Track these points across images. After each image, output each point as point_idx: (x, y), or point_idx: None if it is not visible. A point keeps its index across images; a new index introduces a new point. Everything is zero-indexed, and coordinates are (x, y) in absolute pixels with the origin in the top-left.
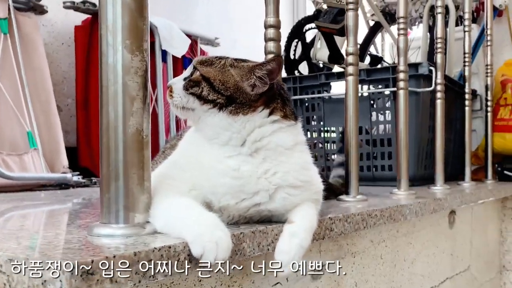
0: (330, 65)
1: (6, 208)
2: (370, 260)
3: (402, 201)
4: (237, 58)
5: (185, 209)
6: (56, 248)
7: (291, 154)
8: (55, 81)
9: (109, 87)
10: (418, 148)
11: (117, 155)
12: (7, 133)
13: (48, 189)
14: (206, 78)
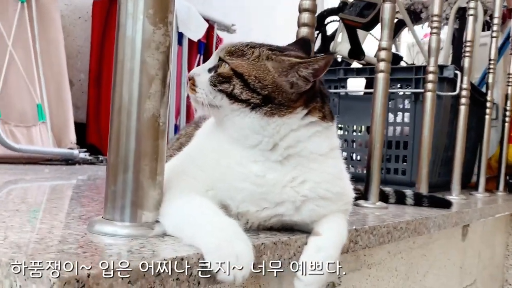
0: (350, 60)
1: (8, 180)
2: (385, 272)
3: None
4: (271, 46)
5: (200, 212)
6: (48, 250)
7: (324, 161)
8: (69, 55)
9: (125, 63)
10: (434, 155)
11: (128, 143)
12: (17, 103)
13: (54, 164)
14: (239, 74)
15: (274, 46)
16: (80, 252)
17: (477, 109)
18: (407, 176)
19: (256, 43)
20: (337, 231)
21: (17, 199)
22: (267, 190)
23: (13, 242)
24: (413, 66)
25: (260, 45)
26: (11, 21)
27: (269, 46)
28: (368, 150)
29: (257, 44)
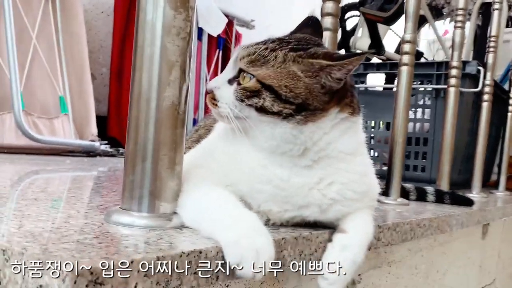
0: (370, 56)
1: (29, 170)
2: (405, 270)
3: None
4: (291, 43)
5: (220, 204)
6: (62, 240)
7: (352, 160)
8: (92, 49)
9: (144, 48)
10: (455, 152)
11: (147, 131)
12: (40, 95)
13: (76, 156)
14: (268, 86)
15: (293, 42)
16: (96, 242)
17: (498, 106)
18: (426, 173)
19: (274, 43)
20: (363, 229)
21: (36, 189)
22: (291, 193)
23: (28, 231)
24: (435, 62)
25: (280, 45)
26: (35, 15)
27: (290, 46)
28: (389, 145)
29: (276, 45)
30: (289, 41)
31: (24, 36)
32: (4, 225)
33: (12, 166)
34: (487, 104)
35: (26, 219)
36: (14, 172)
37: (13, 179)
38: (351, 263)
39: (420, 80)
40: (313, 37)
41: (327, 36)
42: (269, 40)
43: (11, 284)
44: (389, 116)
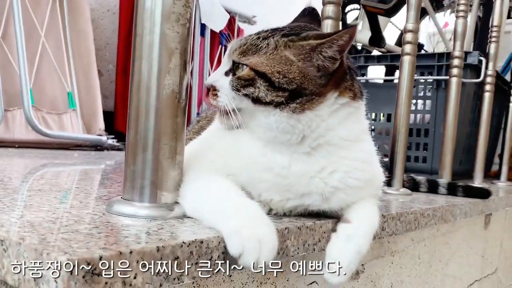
0: (370, 48)
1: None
2: (408, 259)
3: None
4: (283, 30)
5: (221, 193)
6: (61, 230)
7: (354, 147)
8: (98, 46)
9: (144, 36)
10: (456, 142)
11: (148, 121)
12: (49, 91)
13: (83, 149)
14: (261, 74)
15: (286, 29)
16: (95, 232)
17: (500, 96)
18: (427, 163)
19: (267, 32)
20: (368, 218)
21: (42, 180)
22: (292, 182)
23: (28, 221)
24: (436, 53)
25: (272, 32)
26: (43, 13)
27: (282, 32)
28: (392, 135)
29: (268, 33)
30: (282, 29)
31: (33, 35)
32: (5, 215)
33: (21, 159)
34: (489, 94)
35: (28, 210)
36: (23, 165)
37: (21, 172)
38: (356, 253)
39: (421, 71)
40: (308, 24)
41: (329, 25)
42: (263, 30)
43: (9, 274)
44: (389, 108)
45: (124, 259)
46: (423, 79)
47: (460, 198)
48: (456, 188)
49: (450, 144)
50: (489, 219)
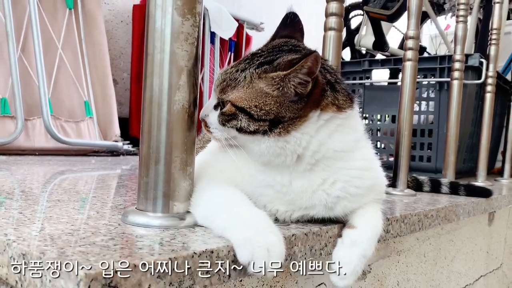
0: (374, 52)
1: (56, 171)
2: (414, 258)
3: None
4: (260, 55)
5: (231, 203)
6: (79, 242)
7: (350, 156)
8: (113, 56)
9: (155, 55)
10: (459, 142)
11: (159, 135)
12: (66, 101)
13: (100, 155)
14: (240, 108)
15: (264, 55)
16: (111, 244)
17: (501, 96)
18: (432, 163)
19: (246, 61)
20: (372, 223)
21: (61, 190)
22: (294, 198)
23: (48, 234)
24: (437, 56)
25: (250, 62)
26: (60, 26)
27: (258, 61)
28: (396, 137)
29: (246, 63)
30: (261, 54)
31: (50, 47)
32: (26, 228)
33: (41, 167)
34: (490, 95)
35: (48, 222)
36: (43, 173)
37: (41, 181)
38: (361, 257)
39: (424, 73)
40: (290, 40)
41: (332, 36)
42: (244, 58)
43: (31, 286)
44: (394, 109)
45: (139, 272)
46: (426, 81)
47: (463, 197)
48: (458, 187)
49: (453, 145)
50: (493, 216)
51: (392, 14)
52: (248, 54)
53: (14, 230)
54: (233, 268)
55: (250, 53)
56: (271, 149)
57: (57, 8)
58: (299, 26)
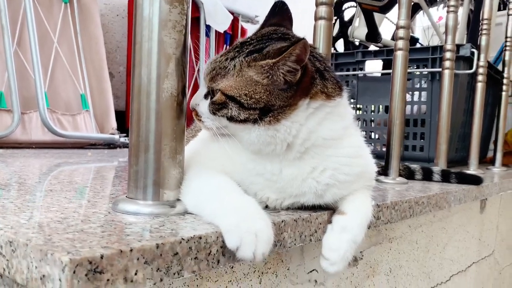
0: (367, 44)
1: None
2: (406, 245)
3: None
4: (250, 44)
5: (220, 190)
6: (68, 230)
7: (339, 144)
8: (109, 50)
9: (143, 43)
10: (451, 131)
11: (148, 123)
12: (63, 94)
13: (97, 148)
14: (231, 97)
15: (253, 43)
16: (99, 231)
17: (492, 86)
18: (424, 152)
19: (235, 49)
20: (362, 209)
21: (54, 180)
22: (285, 185)
23: (36, 222)
24: (429, 47)
25: (240, 51)
26: (56, 20)
27: (247, 49)
28: (388, 126)
29: (236, 52)
30: (250, 42)
31: (46, 41)
32: (15, 216)
33: (37, 160)
34: (481, 84)
35: (38, 211)
36: (39, 166)
37: (35, 173)
38: (351, 243)
39: (416, 64)
40: (279, 28)
41: (322, 25)
42: (233, 47)
43: (18, 273)
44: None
45: (125, 257)
46: (419, 72)
47: (454, 185)
48: (449, 175)
49: (444, 133)
50: (484, 203)
51: (384, 5)
52: (237, 42)
53: (3, 218)
54: (222, 254)
55: (240, 41)
56: (261, 137)
57: (53, 2)
58: (288, 14)
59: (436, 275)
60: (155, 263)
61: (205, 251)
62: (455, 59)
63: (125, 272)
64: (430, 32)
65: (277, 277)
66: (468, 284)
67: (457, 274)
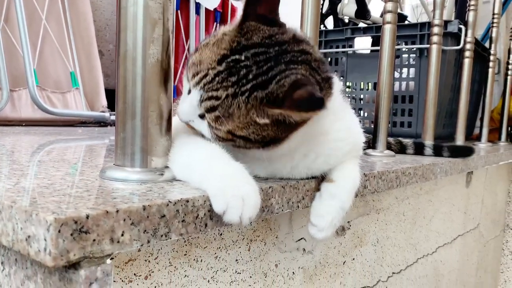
0: (356, 21)
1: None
2: (393, 217)
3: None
4: (248, 72)
5: (208, 156)
6: (54, 194)
7: (331, 128)
8: (98, 27)
9: (128, 8)
10: (439, 107)
11: (135, 89)
12: (52, 72)
13: (88, 126)
14: (238, 136)
15: (251, 70)
16: (86, 195)
17: (480, 63)
18: (412, 128)
19: (232, 82)
20: (350, 177)
21: (43, 153)
22: (274, 171)
23: (22, 187)
24: (418, 23)
25: (240, 85)
26: None
27: (250, 84)
28: (376, 101)
29: (236, 87)
30: (248, 65)
31: (34, 18)
32: (1, 183)
33: (27, 136)
34: (469, 60)
35: (24, 178)
36: (28, 140)
37: (24, 146)
38: (339, 210)
39: (405, 41)
40: (276, 34)
41: (310, 2)
42: (228, 69)
43: (4, 236)
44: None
45: (111, 218)
46: (407, 48)
47: (441, 158)
48: (441, 148)
49: (431, 108)
50: (470, 177)
51: None
52: (230, 61)
53: None
54: (210, 218)
55: (232, 60)
56: (264, 154)
57: None
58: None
59: (422, 246)
60: (142, 225)
61: (192, 214)
62: (443, 35)
63: (112, 233)
64: (419, 10)
65: (266, 244)
66: (453, 256)
67: (443, 246)
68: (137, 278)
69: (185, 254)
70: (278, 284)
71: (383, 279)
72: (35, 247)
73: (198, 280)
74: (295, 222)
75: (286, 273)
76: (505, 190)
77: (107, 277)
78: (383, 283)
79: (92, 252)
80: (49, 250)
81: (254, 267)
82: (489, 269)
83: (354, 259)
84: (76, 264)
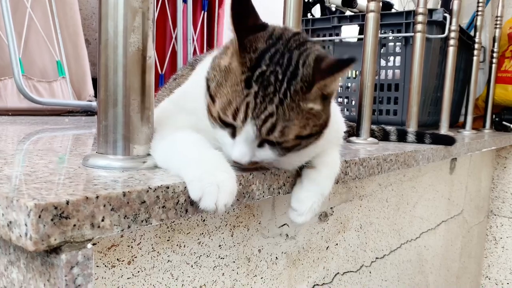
0: (343, 9)
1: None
2: (376, 203)
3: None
4: (276, 77)
5: (188, 144)
6: (36, 181)
7: None
8: (84, 16)
9: None
10: (424, 95)
11: (116, 77)
12: (38, 61)
13: (75, 115)
14: (305, 136)
15: (276, 72)
16: (67, 182)
17: (465, 51)
18: (398, 116)
19: (270, 85)
20: (330, 164)
21: (28, 142)
22: None
23: (4, 175)
24: (404, 11)
25: (274, 87)
26: None
27: (285, 84)
28: (359, 89)
29: (279, 96)
30: (274, 70)
31: (19, 6)
32: None
33: (13, 126)
34: (453, 48)
35: (7, 166)
36: (13, 130)
37: (9, 135)
38: (319, 195)
39: (391, 29)
40: (278, 31)
41: None
42: (261, 87)
43: None
44: None
45: (91, 203)
46: (392, 37)
47: (424, 144)
48: (423, 135)
49: (416, 96)
50: (454, 164)
51: None
52: (253, 76)
53: None
54: (190, 204)
55: (256, 74)
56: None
57: None
58: (252, 7)
59: (406, 232)
60: (122, 210)
61: (172, 200)
62: (428, 24)
63: (92, 218)
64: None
65: (249, 230)
66: (437, 241)
67: (427, 231)
68: (120, 263)
69: (168, 239)
70: (261, 269)
71: (367, 264)
72: (17, 232)
73: (181, 265)
74: (277, 209)
75: (270, 258)
76: (489, 176)
77: (88, 261)
78: (366, 268)
79: (73, 237)
80: (30, 235)
81: (237, 252)
82: (473, 254)
83: (337, 244)
84: (57, 249)
